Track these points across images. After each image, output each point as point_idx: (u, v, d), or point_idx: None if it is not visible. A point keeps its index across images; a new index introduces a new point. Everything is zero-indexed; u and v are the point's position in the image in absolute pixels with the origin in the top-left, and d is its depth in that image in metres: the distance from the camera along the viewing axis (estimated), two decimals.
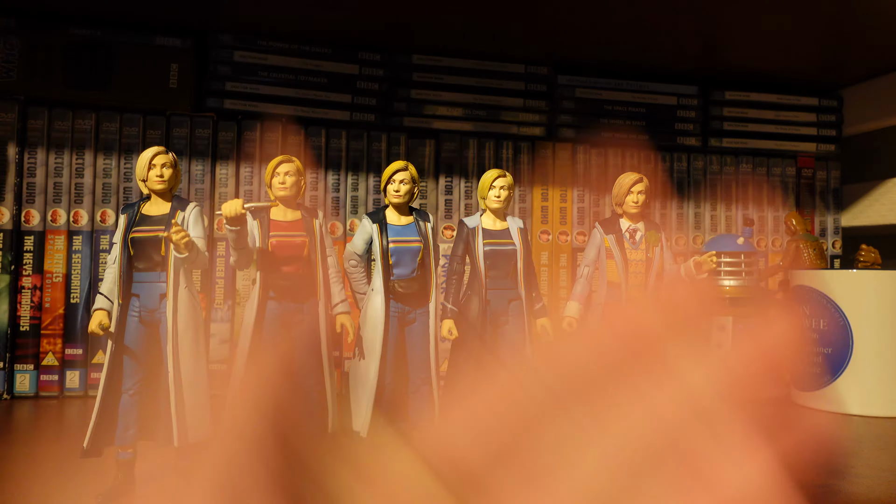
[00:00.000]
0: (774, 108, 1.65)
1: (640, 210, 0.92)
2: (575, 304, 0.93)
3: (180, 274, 0.78)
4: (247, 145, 1.40)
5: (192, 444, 0.76)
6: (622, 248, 0.90)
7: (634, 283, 0.90)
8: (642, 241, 0.91)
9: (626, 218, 0.93)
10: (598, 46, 1.45)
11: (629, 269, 0.90)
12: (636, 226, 0.92)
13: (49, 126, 1.31)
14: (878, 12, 1.22)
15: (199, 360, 0.78)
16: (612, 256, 0.90)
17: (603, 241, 0.91)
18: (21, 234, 1.29)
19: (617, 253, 0.90)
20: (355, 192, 1.44)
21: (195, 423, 0.76)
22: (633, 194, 0.91)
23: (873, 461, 0.95)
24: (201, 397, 0.78)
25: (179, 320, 0.76)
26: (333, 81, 1.41)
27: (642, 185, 0.92)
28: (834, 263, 1.70)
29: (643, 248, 0.91)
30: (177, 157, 0.85)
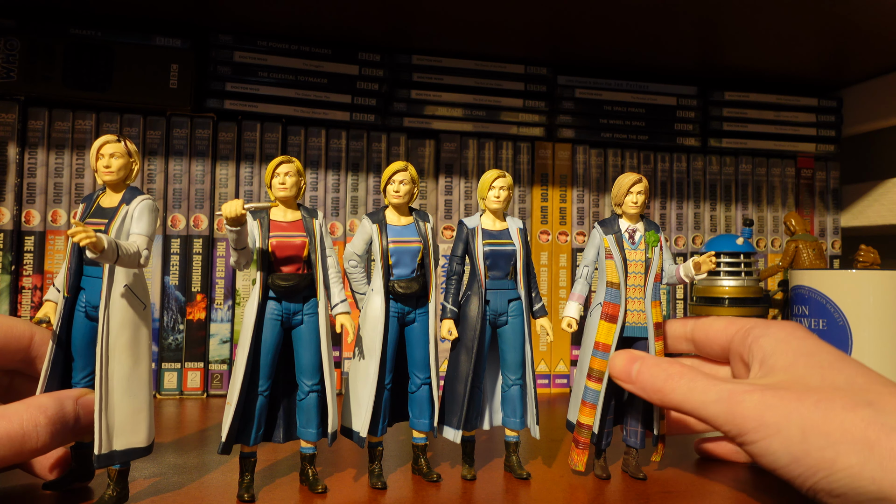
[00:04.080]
0: (774, 109, 1.65)
1: (639, 210, 0.91)
2: (574, 304, 0.92)
3: (118, 269, 0.72)
4: (247, 146, 1.40)
5: (119, 451, 0.71)
6: (621, 248, 0.89)
7: (633, 284, 0.89)
8: (641, 241, 0.90)
9: (625, 218, 0.92)
10: (597, 47, 1.45)
11: (628, 269, 0.89)
12: (635, 226, 0.91)
13: (49, 126, 1.31)
14: (878, 13, 1.23)
15: (138, 363, 0.73)
16: (611, 257, 0.89)
17: (602, 241, 0.90)
18: (21, 234, 1.29)
19: (616, 253, 0.89)
20: (355, 192, 1.45)
21: (124, 429, 0.72)
22: (632, 195, 0.90)
23: None
24: (136, 402, 0.73)
25: (113, 319, 0.71)
26: (333, 82, 1.41)
27: (641, 185, 0.91)
28: (833, 264, 1.70)
29: (642, 248, 0.90)
30: (134, 147, 0.78)
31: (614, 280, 0.89)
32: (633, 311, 0.89)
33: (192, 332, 1.35)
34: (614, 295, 0.88)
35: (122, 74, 1.30)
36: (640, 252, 0.90)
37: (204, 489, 0.80)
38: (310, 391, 0.81)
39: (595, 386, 0.88)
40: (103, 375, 0.71)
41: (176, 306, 1.34)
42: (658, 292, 0.91)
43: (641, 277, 0.89)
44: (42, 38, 1.27)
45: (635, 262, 0.89)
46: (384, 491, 0.82)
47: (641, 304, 0.89)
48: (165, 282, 1.34)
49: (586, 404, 0.88)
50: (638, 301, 0.89)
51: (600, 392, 0.88)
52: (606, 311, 0.88)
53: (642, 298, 0.89)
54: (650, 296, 0.89)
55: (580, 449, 0.89)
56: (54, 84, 1.28)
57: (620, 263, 0.88)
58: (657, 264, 0.90)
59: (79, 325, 0.75)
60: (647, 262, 0.89)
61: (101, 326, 0.71)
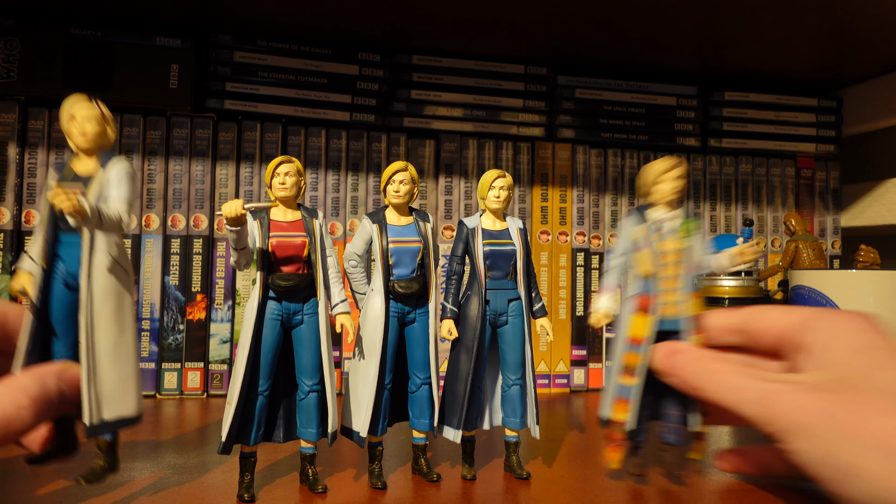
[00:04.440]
0: (774, 109, 1.65)
1: (677, 197, 0.86)
2: (605, 296, 0.88)
3: (98, 236, 0.70)
4: (247, 146, 1.40)
5: (109, 421, 0.69)
6: (654, 238, 0.85)
7: (667, 275, 0.85)
8: (677, 230, 0.86)
9: (659, 207, 0.87)
10: (597, 47, 1.45)
11: (661, 260, 0.85)
12: (668, 215, 0.86)
13: (49, 126, 1.31)
14: (877, 13, 1.23)
15: (124, 332, 0.71)
16: (642, 248, 0.85)
17: (632, 232, 0.86)
18: (21, 234, 1.29)
19: (647, 244, 0.85)
20: (355, 192, 1.45)
21: (113, 398, 0.70)
22: (667, 182, 0.86)
23: None
24: (123, 371, 0.71)
25: (96, 288, 0.69)
26: (333, 82, 1.41)
27: (680, 170, 0.86)
28: (833, 264, 1.70)
29: (676, 237, 0.85)
30: (108, 113, 0.76)
31: (648, 271, 0.85)
32: (667, 304, 0.85)
33: (193, 332, 1.35)
34: (647, 287, 0.85)
35: (122, 74, 1.30)
36: (674, 241, 0.85)
37: (204, 489, 0.80)
38: (310, 391, 0.81)
39: (629, 381, 0.85)
40: (89, 345, 0.69)
41: (176, 306, 1.34)
42: (694, 285, 0.86)
43: (676, 268, 0.85)
44: (42, 38, 1.27)
45: (669, 253, 0.85)
46: (384, 491, 0.82)
47: (676, 296, 0.85)
48: (165, 282, 1.34)
49: (621, 400, 0.85)
50: (673, 293, 0.85)
51: (634, 387, 0.85)
52: (640, 303, 0.85)
53: (677, 290, 0.85)
54: (686, 287, 0.85)
55: (615, 446, 0.87)
56: (54, 84, 1.28)
57: (653, 254, 0.85)
58: (693, 255, 0.86)
59: (58, 296, 0.71)
60: (682, 252, 0.85)
61: (83, 296, 0.69)
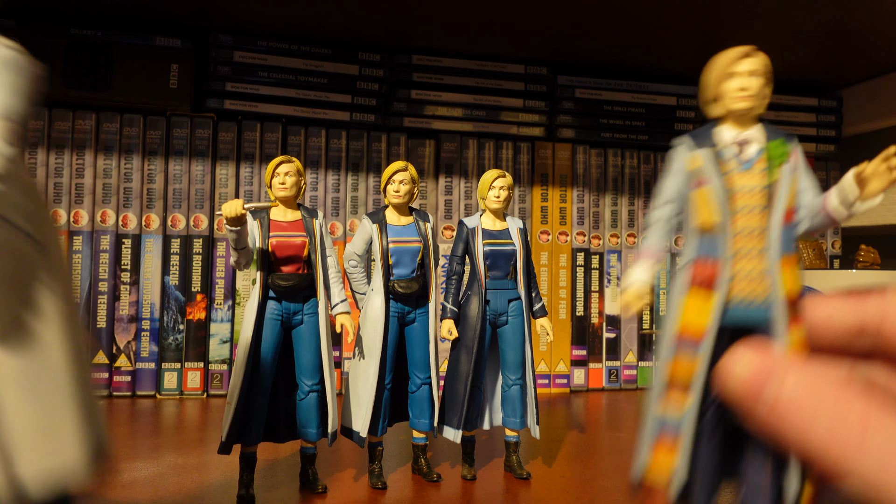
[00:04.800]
0: (774, 109, 1.65)
1: (754, 103, 0.57)
2: (641, 266, 0.59)
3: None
4: (247, 146, 1.40)
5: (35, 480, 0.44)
6: (724, 169, 0.56)
7: (746, 228, 0.55)
8: (760, 157, 0.56)
9: (730, 123, 0.58)
10: (597, 47, 1.45)
11: (736, 203, 0.55)
12: (747, 134, 0.57)
13: (49, 126, 1.31)
14: (878, 13, 1.23)
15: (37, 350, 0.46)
16: (704, 183, 0.56)
17: (689, 159, 0.57)
18: None
19: (714, 177, 0.55)
20: (355, 192, 1.45)
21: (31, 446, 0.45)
22: (741, 77, 0.56)
23: None
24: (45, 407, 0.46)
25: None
26: (333, 82, 1.41)
27: (758, 60, 0.57)
28: (833, 264, 1.70)
29: (760, 167, 0.56)
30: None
31: (712, 222, 0.55)
32: (744, 277, 0.55)
33: (193, 332, 1.35)
34: (711, 247, 0.55)
35: (122, 74, 1.30)
36: (758, 175, 0.56)
37: (204, 489, 0.80)
38: (310, 391, 0.81)
39: (677, 407, 0.55)
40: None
41: (176, 306, 1.34)
42: (791, 243, 0.55)
43: (760, 217, 0.55)
44: (42, 38, 1.27)
45: (749, 192, 0.55)
46: (384, 491, 0.82)
47: (760, 264, 0.54)
48: (165, 282, 1.34)
49: (663, 439, 0.55)
50: (754, 259, 0.55)
51: (686, 417, 0.54)
52: (697, 275, 0.55)
53: (763, 252, 0.55)
54: (777, 248, 0.54)
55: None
56: (55, 84, 1.28)
57: (721, 193, 0.55)
58: (787, 194, 0.55)
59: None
60: (769, 192, 0.55)
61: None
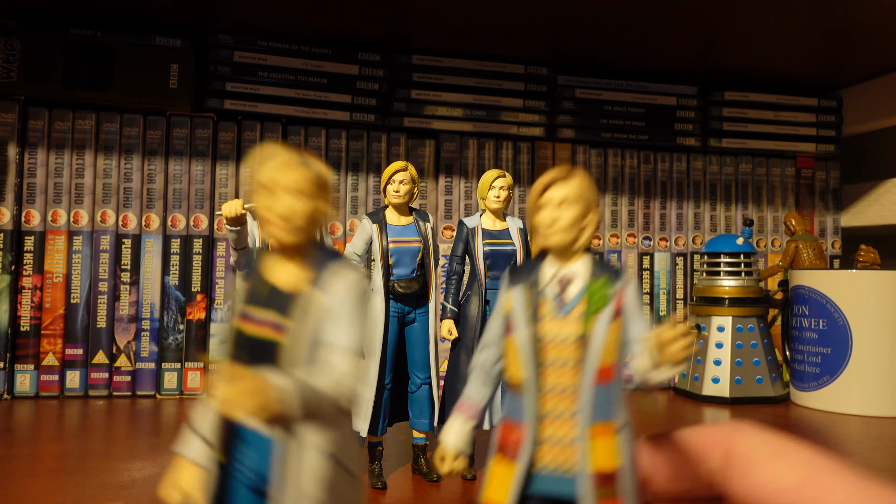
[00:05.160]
0: (774, 109, 1.65)
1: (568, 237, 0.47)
2: (455, 423, 0.48)
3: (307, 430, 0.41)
4: (246, 145, 1.40)
5: None
6: (541, 313, 0.46)
7: (557, 387, 0.45)
8: (581, 299, 0.46)
9: (552, 256, 0.48)
10: (597, 47, 1.45)
11: (548, 355, 0.46)
12: (570, 270, 0.47)
13: (49, 126, 1.31)
14: (877, 14, 1.23)
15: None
16: (513, 330, 0.47)
17: (505, 300, 0.48)
18: (21, 234, 1.29)
19: (523, 325, 0.46)
20: (355, 192, 1.45)
21: None
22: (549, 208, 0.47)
23: (872, 460, 0.96)
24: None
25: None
26: (333, 82, 1.41)
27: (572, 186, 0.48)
28: (833, 263, 1.70)
29: (579, 312, 0.46)
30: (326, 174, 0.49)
31: (518, 378, 0.46)
32: (556, 443, 0.45)
33: (193, 332, 1.35)
34: (516, 407, 0.46)
35: (122, 74, 1.30)
36: (574, 322, 0.46)
37: None
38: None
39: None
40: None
41: (176, 306, 1.34)
42: (610, 407, 0.44)
43: (573, 374, 0.45)
44: (42, 39, 1.27)
45: (562, 342, 0.46)
46: (384, 491, 0.82)
47: (570, 429, 0.45)
48: (165, 282, 1.34)
49: None
50: (566, 422, 0.45)
51: None
52: (503, 439, 0.46)
53: (573, 415, 0.45)
54: (588, 413, 0.44)
55: None
56: (54, 84, 1.28)
57: (528, 344, 0.46)
58: (602, 347, 0.45)
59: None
60: (584, 343, 0.45)
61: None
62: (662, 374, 0.43)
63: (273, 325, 0.41)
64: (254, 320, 0.41)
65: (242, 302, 0.42)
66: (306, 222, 0.41)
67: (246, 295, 0.43)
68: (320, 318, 0.40)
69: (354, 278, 0.41)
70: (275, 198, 0.41)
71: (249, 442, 0.41)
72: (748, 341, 1.39)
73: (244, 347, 0.41)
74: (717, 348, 1.39)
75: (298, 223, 0.41)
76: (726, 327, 1.40)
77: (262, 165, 0.42)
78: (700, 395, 1.39)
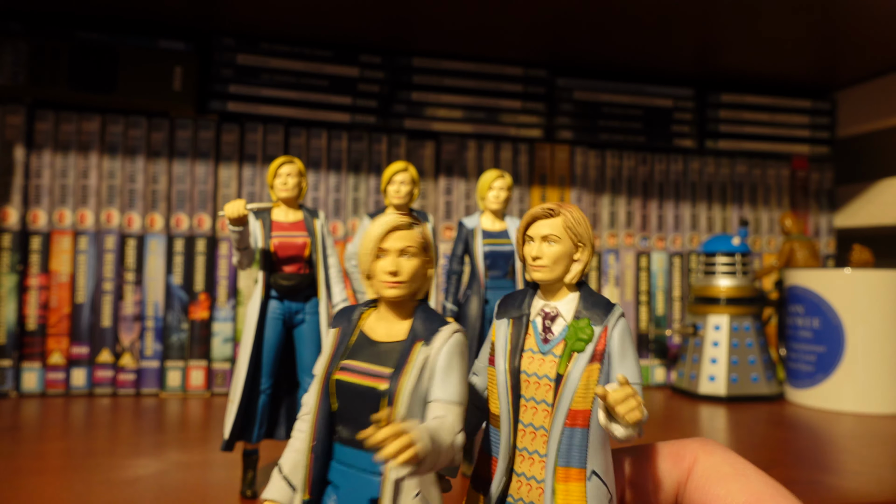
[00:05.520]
0: (769, 111, 1.67)
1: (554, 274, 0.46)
2: None
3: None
4: (249, 147, 1.42)
5: None
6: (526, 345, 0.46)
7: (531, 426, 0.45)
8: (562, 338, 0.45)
9: (542, 291, 0.48)
10: (595, 49, 1.47)
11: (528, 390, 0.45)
12: (556, 306, 0.46)
13: (55, 128, 1.33)
14: (870, 17, 1.24)
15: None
16: (495, 362, 0.47)
17: (493, 330, 0.48)
18: (28, 234, 1.31)
19: (502, 358, 0.46)
20: (356, 193, 1.46)
21: None
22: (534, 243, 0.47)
23: (866, 458, 0.97)
24: None
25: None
26: (334, 84, 1.43)
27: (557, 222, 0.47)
28: (827, 263, 1.72)
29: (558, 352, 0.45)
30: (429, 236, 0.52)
31: (495, 412, 0.46)
32: (527, 481, 0.45)
33: (196, 331, 1.36)
34: (492, 440, 0.46)
35: (126, 77, 1.32)
36: (552, 362, 0.44)
37: (207, 486, 0.82)
38: None
39: None
40: None
41: (179, 305, 1.36)
42: (583, 451, 0.43)
43: (545, 415, 0.44)
44: (48, 41, 1.29)
45: (537, 381, 0.45)
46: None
47: (540, 469, 0.44)
48: (169, 281, 1.36)
49: None
50: (537, 461, 0.44)
51: None
52: (478, 471, 0.47)
53: (544, 456, 0.44)
54: (556, 454, 0.43)
55: None
56: (60, 86, 1.29)
57: (505, 378, 0.45)
58: (574, 391, 0.43)
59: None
60: (556, 384, 0.44)
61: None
62: (617, 432, 0.41)
63: (376, 375, 0.44)
64: (356, 371, 0.44)
65: (341, 356, 0.45)
66: (412, 280, 0.45)
67: (344, 348, 0.46)
68: (427, 372, 0.43)
69: (459, 337, 0.45)
70: (388, 258, 0.45)
71: (337, 483, 0.44)
72: (744, 340, 1.41)
73: (347, 397, 0.44)
74: (714, 347, 1.41)
75: (405, 280, 0.45)
76: (722, 326, 1.41)
77: (374, 228, 0.46)
78: (696, 394, 1.41)
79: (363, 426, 0.42)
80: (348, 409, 0.44)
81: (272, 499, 0.45)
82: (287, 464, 0.45)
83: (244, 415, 0.80)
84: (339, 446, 0.44)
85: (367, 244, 0.46)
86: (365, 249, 0.46)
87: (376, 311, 0.47)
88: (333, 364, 0.45)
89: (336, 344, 0.46)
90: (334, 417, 0.45)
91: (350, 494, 0.43)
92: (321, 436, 0.44)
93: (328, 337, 0.47)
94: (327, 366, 0.45)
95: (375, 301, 0.48)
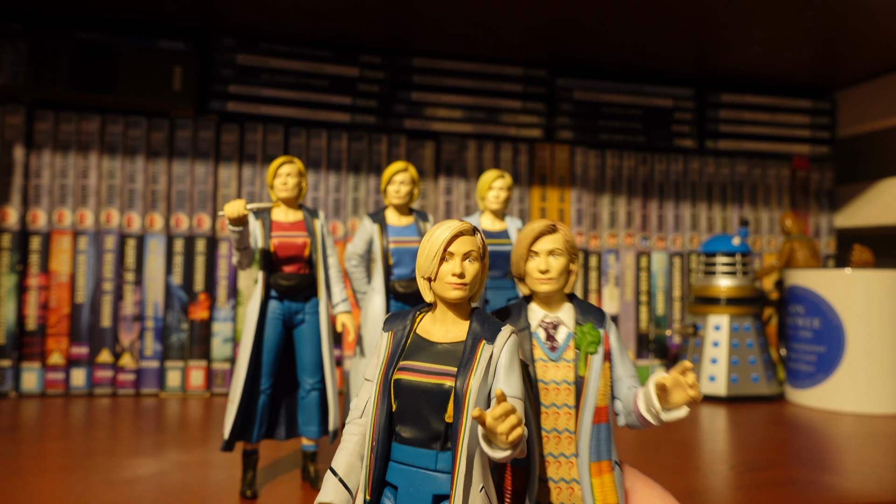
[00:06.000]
0: (769, 111, 1.67)
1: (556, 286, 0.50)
2: None
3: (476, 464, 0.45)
4: (249, 147, 1.42)
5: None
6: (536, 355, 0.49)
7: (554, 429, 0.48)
8: (569, 344, 0.48)
9: (538, 302, 0.51)
10: (595, 49, 1.47)
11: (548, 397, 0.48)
12: (556, 316, 0.50)
13: (55, 128, 1.33)
14: (871, 16, 1.24)
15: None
16: None
17: None
18: (27, 234, 1.31)
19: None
20: (356, 193, 1.46)
21: None
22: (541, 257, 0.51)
23: (866, 458, 0.97)
24: None
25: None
26: (334, 84, 1.43)
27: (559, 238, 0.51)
28: (828, 263, 1.72)
29: (570, 357, 0.48)
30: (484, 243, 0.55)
31: None
32: (557, 484, 0.47)
33: (196, 331, 1.36)
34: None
35: (126, 77, 1.32)
36: (566, 367, 0.48)
37: (207, 486, 0.82)
38: (311, 389, 0.83)
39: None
40: None
41: (179, 305, 1.36)
42: (606, 445, 0.47)
43: (568, 417, 0.47)
44: (48, 41, 1.29)
45: (557, 387, 0.47)
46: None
47: (572, 469, 0.47)
48: (169, 281, 1.36)
49: None
50: (564, 463, 0.47)
51: None
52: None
53: (573, 457, 0.47)
54: (588, 451, 0.47)
55: None
56: (60, 87, 1.29)
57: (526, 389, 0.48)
58: (597, 391, 0.47)
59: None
60: (577, 388, 0.47)
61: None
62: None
63: (440, 373, 0.46)
64: (418, 371, 0.46)
65: (399, 357, 0.47)
66: (473, 283, 0.48)
67: (401, 350, 0.48)
68: (491, 369, 0.45)
69: (516, 338, 0.47)
70: (454, 261, 0.47)
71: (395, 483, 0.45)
72: (744, 340, 1.41)
73: (410, 396, 0.46)
74: (714, 347, 1.41)
75: (468, 282, 0.47)
76: (722, 326, 1.41)
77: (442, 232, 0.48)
78: None
79: (425, 425, 0.44)
80: (410, 408, 0.45)
81: (329, 501, 0.46)
82: (342, 466, 0.47)
83: (244, 415, 0.80)
84: (397, 446, 0.46)
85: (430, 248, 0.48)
86: (429, 252, 0.48)
87: (430, 314, 0.49)
88: (392, 365, 0.47)
89: (392, 346, 0.48)
90: (393, 418, 0.46)
91: (411, 492, 0.44)
92: (381, 436, 0.45)
93: (380, 341, 0.49)
94: (385, 368, 0.47)
95: (424, 306, 0.50)
